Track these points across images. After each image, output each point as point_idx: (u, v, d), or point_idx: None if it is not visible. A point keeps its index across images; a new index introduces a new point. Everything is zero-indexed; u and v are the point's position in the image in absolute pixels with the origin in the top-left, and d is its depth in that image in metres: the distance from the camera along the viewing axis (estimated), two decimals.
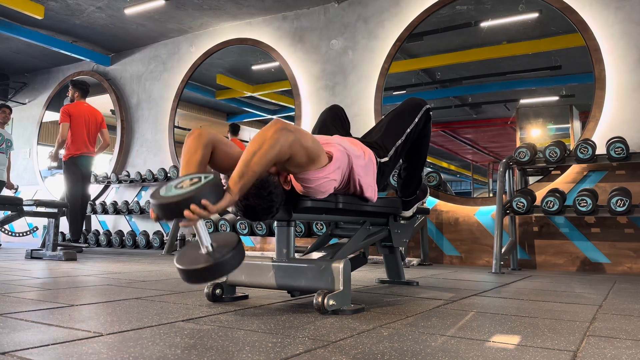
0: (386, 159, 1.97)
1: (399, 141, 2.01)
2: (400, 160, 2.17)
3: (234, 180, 1.46)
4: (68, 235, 4.81)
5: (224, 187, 1.46)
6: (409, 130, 2.01)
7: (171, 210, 1.36)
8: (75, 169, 5.08)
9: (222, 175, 1.59)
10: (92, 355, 1.02)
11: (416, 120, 2.03)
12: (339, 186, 1.77)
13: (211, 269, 1.37)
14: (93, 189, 6.61)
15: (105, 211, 5.96)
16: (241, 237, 5.17)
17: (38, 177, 7.24)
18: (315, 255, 1.92)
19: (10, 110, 5.89)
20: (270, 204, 1.55)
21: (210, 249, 1.42)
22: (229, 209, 1.59)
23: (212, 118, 7.63)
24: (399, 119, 2.05)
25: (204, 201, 1.36)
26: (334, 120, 2.29)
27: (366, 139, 2.04)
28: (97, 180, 6.34)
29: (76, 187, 5.04)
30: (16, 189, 5.99)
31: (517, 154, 3.73)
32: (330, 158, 1.68)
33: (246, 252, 1.61)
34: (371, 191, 1.89)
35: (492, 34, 4.74)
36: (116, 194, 6.48)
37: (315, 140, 1.64)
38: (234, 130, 6.55)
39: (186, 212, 1.34)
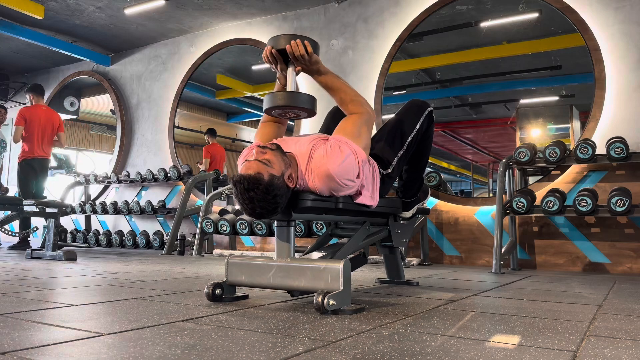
0: (389, 170, 1.98)
1: (401, 152, 2.00)
2: None
3: (327, 67, 1.88)
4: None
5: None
6: (410, 139, 2.01)
7: (285, 38, 1.78)
8: (29, 170, 5.29)
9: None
10: (92, 355, 1.02)
11: (417, 127, 2.02)
12: (354, 189, 1.78)
13: (290, 95, 1.79)
14: (93, 189, 6.63)
15: (105, 211, 5.96)
16: (241, 237, 5.17)
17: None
18: (315, 255, 1.92)
19: (6, 110, 5.91)
20: (276, 206, 1.63)
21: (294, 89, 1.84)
22: (230, 209, 1.63)
23: (212, 118, 7.63)
24: (400, 126, 2.03)
25: (306, 41, 1.78)
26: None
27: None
28: (97, 180, 6.35)
29: (28, 188, 5.25)
30: (5, 192, 6.02)
31: (517, 154, 3.73)
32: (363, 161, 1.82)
33: (246, 252, 1.63)
34: (374, 199, 1.90)
35: (492, 34, 4.74)
36: (116, 194, 6.48)
37: (370, 140, 1.89)
38: (212, 133, 6.67)
39: (292, 42, 1.76)
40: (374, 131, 2.01)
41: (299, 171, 1.71)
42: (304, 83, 5.19)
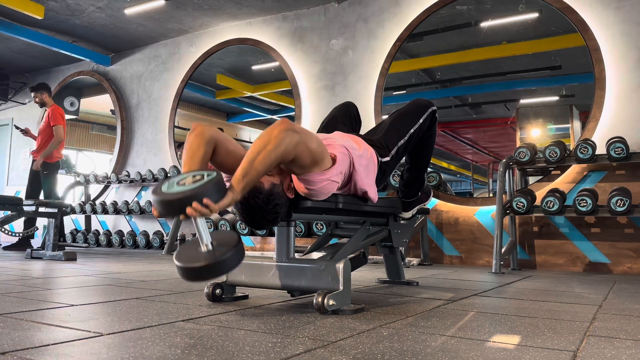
0: (387, 158, 1.95)
1: (402, 141, 1.99)
2: (404, 160, 2.16)
3: (237, 179, 1.44)
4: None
5: (227, 187, 1.46)
6: (412, 130, 2.00)
7: (173, 207, 1.35)
8: (56, 173, 5.26)
9: (224, 175, 1.59)
10: (92, 355, 1.02)
11: (420, 121, 2.01)
12: (340, 186, 1.77)
13: (210, 268, 1.37)
14: (93, 189, 6.63)
15: (105, 211, 5.96)
16: (241, 237, 5.17)
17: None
18: (315, 255, 1.92)
19: None
20: (276, 216, 1.59)
21: (210, 247, 1.41)
22: (230, 209, 1.60)
23: (212, 118, 7.62)
24: (403, 118, 2.03)
25: (205, 200, 1.34)
26: (344, 117, 2.27)
27: (369, 137, 2.03)
28: (97, 180, 6.34)
29: (56, 190, 5.23)
30: None
31: (517, 154, 3.73)
32: (334, 160, 1.67)
33: (246, 252, 1.62)
34: (372, 191, 1.88)
35: (492, 34, 4.74)
36: (116, 194, 6.48)
37: (320, 142, 1.61)
38: None
39: (188, 210, 1.33)
40: (375, 126, 1.99)
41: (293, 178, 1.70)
42: (305, 84, 5.19)
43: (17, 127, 5.55)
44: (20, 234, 4.59)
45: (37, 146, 5.30)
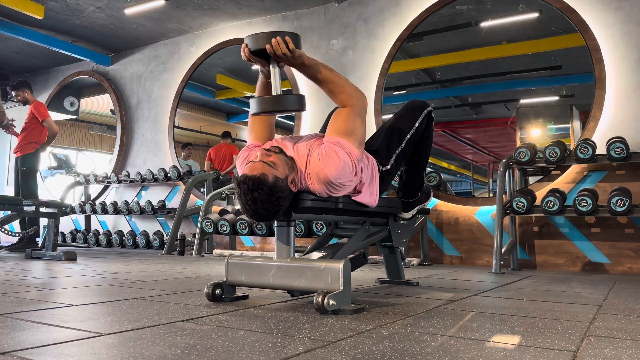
0: (387, 167, 1.98)
1: (399, 149, 2.00)
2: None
3: (312, 58, 1.76)
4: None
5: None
6: (408, 136, 2.01)
7: (263, 37, 1.68)
8: (37, 165, 5.32)
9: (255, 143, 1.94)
10: (92, 355, 1.02)
11: (416, 125, 2.02)
12: (352, 188, 1.78)
13: (275, 98, 1.72)
14: (93, 189, 6.63)
15: (105, 211, 5.96)
16: (241, 237, 5.17)
17: (38, 177, 7.23)
18: (315, 255, 1.92)
19: None
20: (278, 208, 1.63)
21: (279, 92, 1.75)
22: (230, 209, 1.64)
23: (212, 118, 7.63)
24: (399, 124, 2.03)
25: (287, 37, 1.68)
26: None
27: (367, 146, 2.03)
28: (97, 180, 6.35)
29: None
30: None
31: (517, 154, 3.73)
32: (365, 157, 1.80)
33: (246, 252, 1.63)
34: (373, 198, 1.89)
35: (492, 34, 4.74)
36: (116, 194, 6.48)
37: (364, 133, 1.80)
38: (223, 135, 6.67)
39: (273, 40, 1.65)
40: (374, 129, 2.00)
41: (299, 173, 1.72)
42: (305, 84, 5.19)
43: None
44: (20, 234, 4.59)
45: (19, 143, 5.27)
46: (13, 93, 5.35)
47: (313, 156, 1.70)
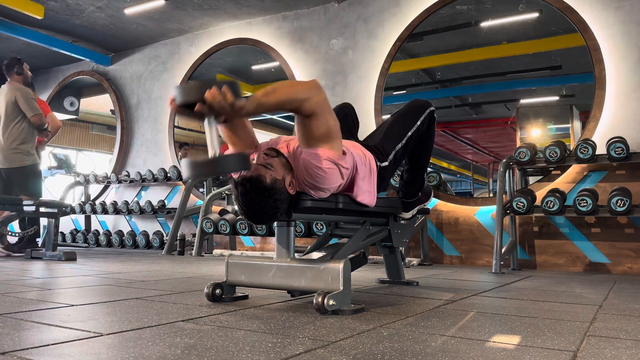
0: (386, 163, 1.95)
1: (399, 145, 1.98)
2: (403, 161, 2.15)
3: (257, 95, 1.51)
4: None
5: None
6: (410, 133, 1.99)
7: (195, 89, 1.45)
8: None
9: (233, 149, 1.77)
10: (92, 355, 1.02)
11: (418, 123, 2.01)
12: (342, 187, 1.76)
13: (211, 162, 1.45)
14: (93, 189, 6.63)
15: (105, 211, 5.96)
16: (241, 237, 5.17)
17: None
18: (315, 255, 1.92)
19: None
20: (276, 211, 1.60)
21: (217, 153, 1.49)
22: (230, 209, 1.62)
23: None
24: (400, 121, 2.03)
25: (224, 87, 1.41)
26: (342, 121, 2.27)
27: (367, 142, 2.03)
28: (97, 180, 6.34)
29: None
30: None
31: (517, 154, 3.73)
32: (344, 153, 1.69)
33: (246, 252, 1.63)
34: (371, 197, 1.88)
35: (492, 34, 4.74)
36: (116, 194, 6.48)
37: (337, 122, 1.66)
38: None
39: (207, 93, 1.40)
40: (374, 129, 1.99)
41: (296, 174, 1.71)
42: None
43: None
44: (20, 234, 4.59)
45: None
46: None
47: (300, 163, 1.67)
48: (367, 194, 1.85)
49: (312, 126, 1.59)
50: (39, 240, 5.64)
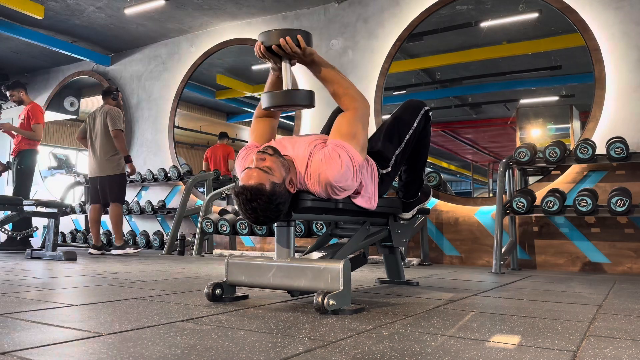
0: (388, 169, 1.98)
1: (398, 150, 2.00)
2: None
3: (322, 57, 1.84)
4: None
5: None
6: (407, 137, 2.01)
7: (275, 36, 1.72)
8: (32, 166, 5.38)
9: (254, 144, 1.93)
10: (92, 355, 1.02)
11: (414, 125, 2.02)
12: (349, 191, 1.78)
13: (287, 94, 1.78)
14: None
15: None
16: (241, 237, 5.17)
17: (38, 177, 7.22)
18: (315, 255, 1.92)
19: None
20: (278, 213, 1.65)
21: (290, 87, 1.80)
22: (230, 209, 1.64)
23: (212, 118, 7.63)
24: (397, 125, 2.03)
25: (299, 36, 1.72)
26: None
27: (367, 148, 2.03)
28: None
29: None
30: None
31: (517, 154, 3.73)
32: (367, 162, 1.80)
33: (246, 252, 1.64)
34: (371, 202, 1.90)
35: (492, 34, 4.74)
36: None
37: (367, 137, 1.82)
38: (220, 136, 6.70)
39: (281, 40, 1.70)
40: (373, 130, 2.00)
41: (298, 174, 1.72)
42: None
43: None
44: (20, 234, 4.59)
45: (16, 144, 5.30)
46: (8, 93, 5.35)
47: (315, 157, 1.70)
48: (367, 199, 1.87)
49: (346, 121, 1.78)
50: (31, 240, 5.63)
